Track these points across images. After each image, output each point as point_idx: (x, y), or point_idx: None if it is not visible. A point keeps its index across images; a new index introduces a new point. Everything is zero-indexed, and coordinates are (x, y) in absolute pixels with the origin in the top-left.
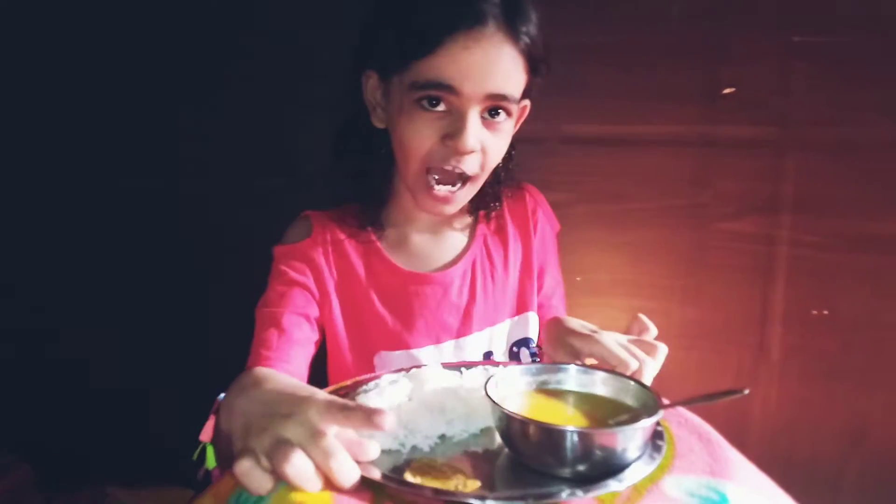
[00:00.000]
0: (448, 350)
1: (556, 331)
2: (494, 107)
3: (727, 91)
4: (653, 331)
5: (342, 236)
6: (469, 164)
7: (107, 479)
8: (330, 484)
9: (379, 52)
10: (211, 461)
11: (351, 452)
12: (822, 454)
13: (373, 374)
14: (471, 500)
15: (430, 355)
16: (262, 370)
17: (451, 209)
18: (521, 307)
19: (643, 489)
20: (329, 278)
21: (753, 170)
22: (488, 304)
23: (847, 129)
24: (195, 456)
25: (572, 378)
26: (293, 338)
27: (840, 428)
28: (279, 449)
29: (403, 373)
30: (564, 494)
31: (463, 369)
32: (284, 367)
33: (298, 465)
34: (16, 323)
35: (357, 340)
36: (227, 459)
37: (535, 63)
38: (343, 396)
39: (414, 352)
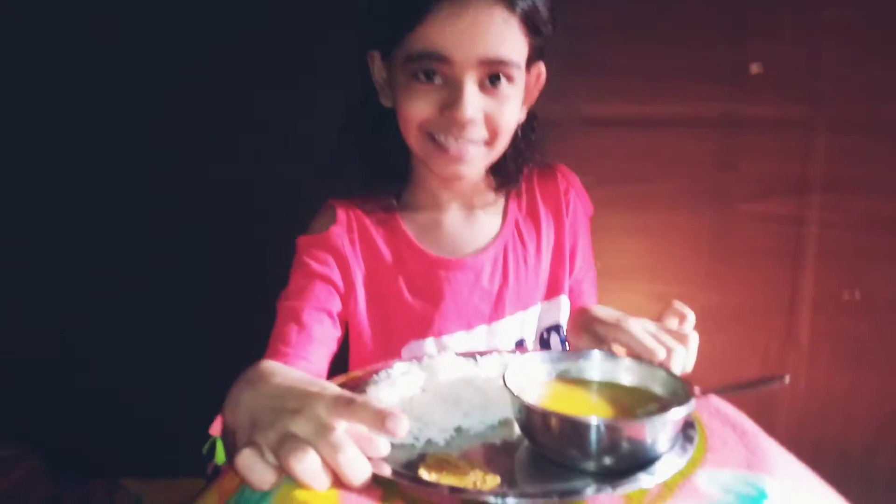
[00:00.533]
0: (480, 336)
1: (580, 319)
2: (493, 73)
3: (755, 70)
4: (690, 318)
5: (368, 223)
6: (473, 134)
7: (119, 470)
8: (339, 482)
9: (376, 30)
10: (220, 456)
11: (360, 448)
12: (853, 440)
13: (383, 364)
14: (490, 499)
15: (461, 342)
16: (269, 363)
17: (468, 169)
18: (552, 291)
19: (674, 485)
20: (356, 267)
21: (781, 150)
22: (520, 288)
23: (879, 107)
24: (205, 450)
25: (595, 366)
26: (313, 335)
27: (871, 413)
28: (286, 444)
29: (416, 362)
30: (590, 491)
31: (478, 357)
32: (303, 365)
33: (306, 461)
34: (22, 319)
35: (383, 330)
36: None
37: (534, 24)
38: (354, 388)
39: (445, 338)
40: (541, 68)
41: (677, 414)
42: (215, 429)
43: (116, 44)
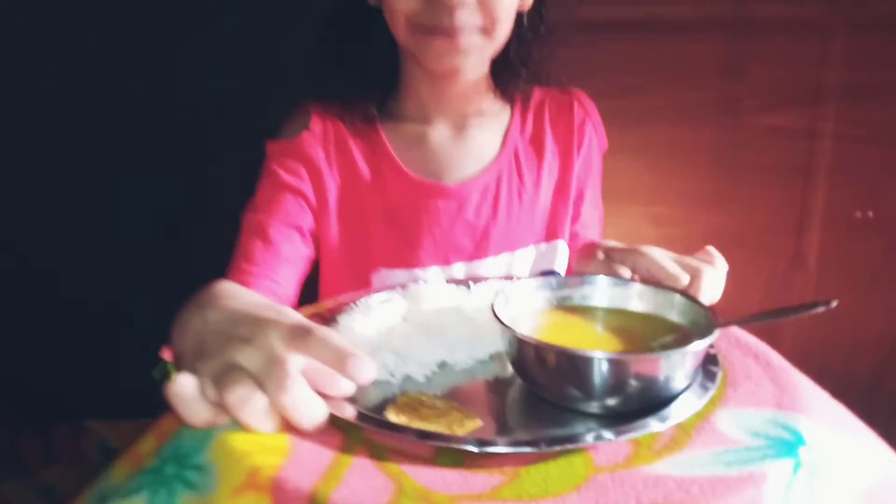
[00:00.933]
0: (458, 274)
1: (588, 250)
2: None
3: None
4: (720, 264)
5: (346, 132)
6: (466, 20)
7: (84, 412)
8: (290, 424)
9: None
10: None
11: (318, 385)
12: (860, 365)
13: (360, 293)
14: (468, 447)
15: (436, 278)
16: (224, 284)
17: (466, 61)
18: (550, 234)
19: (690, 428)
20: (329, 180)
21: (794, 54)
22: (511, 226)
23: None
24: (156, 376)
25: (602, 292)
26: (280, 252)
27: (877, 339)
28: (227, 376)
29: (398, 290)
30: (590, 438)
31: (472, 284)
32: (267, 286)
33: (247, 398)
34: None
35: (354, 254)
36: None
37: None
38: (326, 318)
39: (418, 271)
40: None
41: (698, 346)
42: (167, 354)
43: None
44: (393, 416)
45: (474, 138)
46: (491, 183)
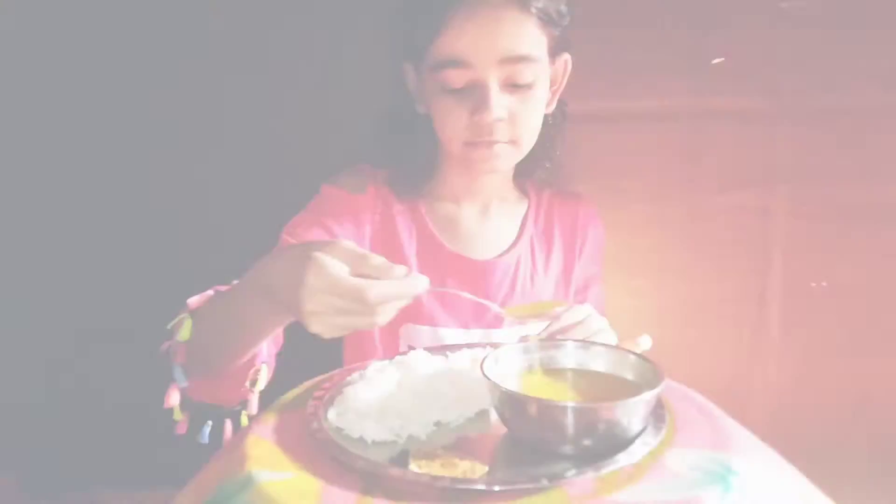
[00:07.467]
0: (474, 339)
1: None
2: (515, 71)
3: (716, 61)
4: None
5: (393, 203)
6: (501, 133)
7: (96, 482)
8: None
9: (403, 44)
10: (185, 333)
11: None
12: (826, 428)
13: (357, 365)
14: (479, 486)
15: (456, 338)
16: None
17: (501, 164)
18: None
19: (645, 465)
20: (366, 244)
21: (746, 141)
22: (524, 303)
23: (838, 97)
24: (169, 326)
25: (569, 355)
26: None
27: (842, 401)
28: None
29: (388, 361)
30: (571, 473)
31: (448, 354)
32: None
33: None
34: None
35: None
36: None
37: (549, 16)
38: (331, 388)
39: (441, 330)
40: (566, 58)
41: (646, 396)
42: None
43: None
44: (415, 467)
45: (496, 222)
46: (511, 263)
